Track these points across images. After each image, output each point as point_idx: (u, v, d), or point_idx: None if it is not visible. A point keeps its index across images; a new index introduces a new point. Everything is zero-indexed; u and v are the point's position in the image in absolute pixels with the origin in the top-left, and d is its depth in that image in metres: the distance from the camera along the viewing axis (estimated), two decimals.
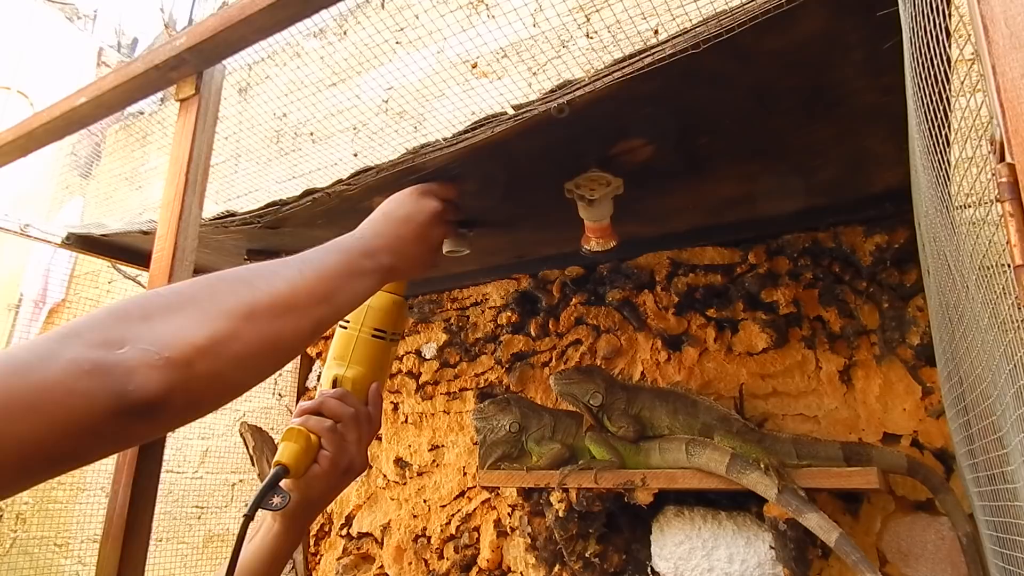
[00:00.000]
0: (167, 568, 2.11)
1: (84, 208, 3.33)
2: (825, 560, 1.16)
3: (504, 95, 1.57)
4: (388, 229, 0.71)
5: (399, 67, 2.00)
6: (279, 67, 2.55)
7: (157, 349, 0.42)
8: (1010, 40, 0.34)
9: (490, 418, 1.33)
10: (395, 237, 0.70)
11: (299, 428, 0.70)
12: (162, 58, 0.92)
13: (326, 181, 0.97)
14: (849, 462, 1.07)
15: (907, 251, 1.17)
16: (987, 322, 0.48)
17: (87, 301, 3.04)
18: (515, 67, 1.83)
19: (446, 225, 0.80)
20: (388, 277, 0.68)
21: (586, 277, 1.52)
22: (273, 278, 0.53)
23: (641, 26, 1.56)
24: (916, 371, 1.17)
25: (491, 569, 1.53)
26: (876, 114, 0.80)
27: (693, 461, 1.13)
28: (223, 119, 1.82)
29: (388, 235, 0.70)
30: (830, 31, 0.62)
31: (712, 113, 0.79)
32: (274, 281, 0.53)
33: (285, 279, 0.54)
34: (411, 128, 2.04)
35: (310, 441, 0.70)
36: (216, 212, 1.11)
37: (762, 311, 1.30)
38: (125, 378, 0.40)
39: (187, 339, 0.44)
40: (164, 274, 0.87)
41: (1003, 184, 0.34)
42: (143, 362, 0.41)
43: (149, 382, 0.41)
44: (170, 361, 0.43)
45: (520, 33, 1.82)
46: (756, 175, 1.00)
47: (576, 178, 0.87)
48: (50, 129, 1.12)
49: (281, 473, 0.67)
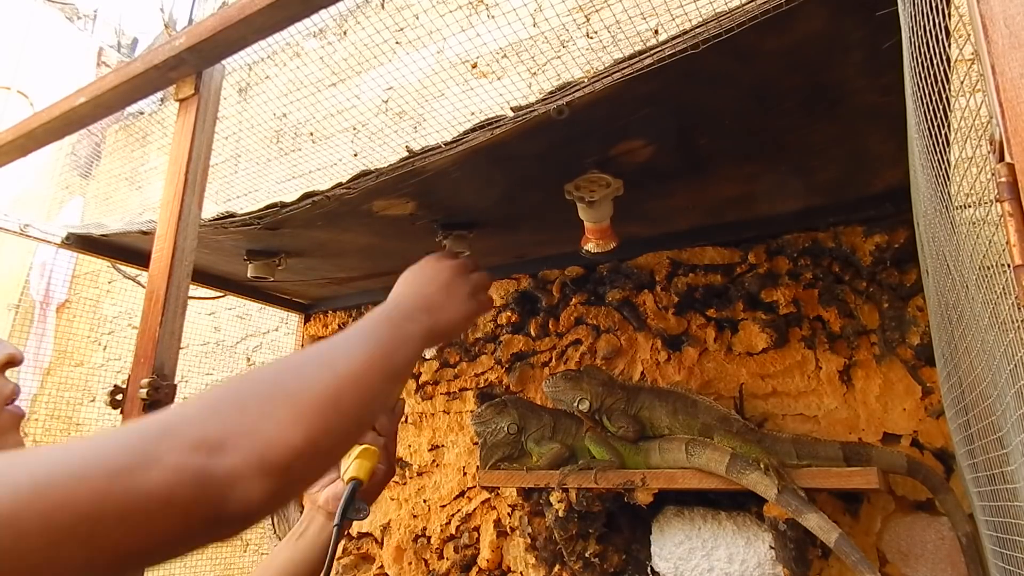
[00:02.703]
0: (167, 568, 2.10)
1: (84, 208, 3.33)
2: (825, 560, 1.16)
3: (504, 95, 1.57)
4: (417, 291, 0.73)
5: (399, 67, 2.00)
6: (279, 67, 2.55)
7: (259, 455, 0.41)
8: (1009, 40, 0.34)
9: (488, 421, 1.33)
10: (424, 297, 0.73)
11: (373, 448, 0.78)
12: (162, 58, 0.92)
13: (326, 181, 0.97)
14: (849, 462, 1.07)
15: (907, 251, 1.17)
16: (987, 322, 0.48)
17: (87, 301, 3.04)
18: (515, 67, 1.83)
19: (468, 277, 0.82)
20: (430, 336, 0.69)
21: (586, 277, 1.52)
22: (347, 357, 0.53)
23: (641, 26, 1.56)
24: (916, 371, 1.17)
25: (491, 569, 1.53)
26: (876, 114, 0.80)
27: (693, 461, 1.13)
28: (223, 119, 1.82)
29: (418, 297, 0.72)
30: (830, 31, 0.62)
31: (712, 113, 0.79)
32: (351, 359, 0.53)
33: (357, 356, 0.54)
34: (411, 128, 2.04)
35: (376, 458, 0.78)
36: (216, 212, 1.11)
37: (762, 311, 1.30)
38: (227, 490, 0.39)
39: (287, 441, 0.43)
40: (164, 274, 0.87)
41: (1003, 184, 0.34)
42: (246, 472, 0.40)
43: (249, 494, 0.40)
44: (272, 469, 0.42)
45: (520, 33, 1.82)
46: (756, 175, 1.00)
47: (576, 180, 0.87)
48: (50, 129, 1.12)
49: (357, 486, 0.75)
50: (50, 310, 3.14)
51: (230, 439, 0.41)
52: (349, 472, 0.77)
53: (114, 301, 2.90)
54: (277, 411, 0.44)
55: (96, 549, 0.36)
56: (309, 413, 0.46)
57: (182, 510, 0.38)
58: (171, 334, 0.86)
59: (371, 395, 0.53)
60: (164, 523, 0.37)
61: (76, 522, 0.35)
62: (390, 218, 1.04)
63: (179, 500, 0.37)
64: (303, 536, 0.76)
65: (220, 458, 0.40)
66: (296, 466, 0.43)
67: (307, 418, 0.45)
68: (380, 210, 1.00)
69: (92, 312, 2.99)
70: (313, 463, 0.46)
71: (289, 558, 0.74)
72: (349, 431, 0.50)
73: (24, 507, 0.35)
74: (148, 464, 0.37)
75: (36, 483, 0.36)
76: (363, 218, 1.04)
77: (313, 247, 1.25)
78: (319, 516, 0.76)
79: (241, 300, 1.87)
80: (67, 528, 0.35)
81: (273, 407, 0.45)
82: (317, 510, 0.77)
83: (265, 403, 0.45)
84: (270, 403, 0.45)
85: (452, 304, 0.75)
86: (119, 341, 2.83)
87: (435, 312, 0.71)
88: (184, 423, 0.41)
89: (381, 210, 1.00)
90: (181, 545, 0.39)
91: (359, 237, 1.18)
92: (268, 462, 0.41)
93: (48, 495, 0.35)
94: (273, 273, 1.29)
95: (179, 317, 0.88)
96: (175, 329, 0.86)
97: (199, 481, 0.38)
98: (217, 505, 0.39)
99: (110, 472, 0.37)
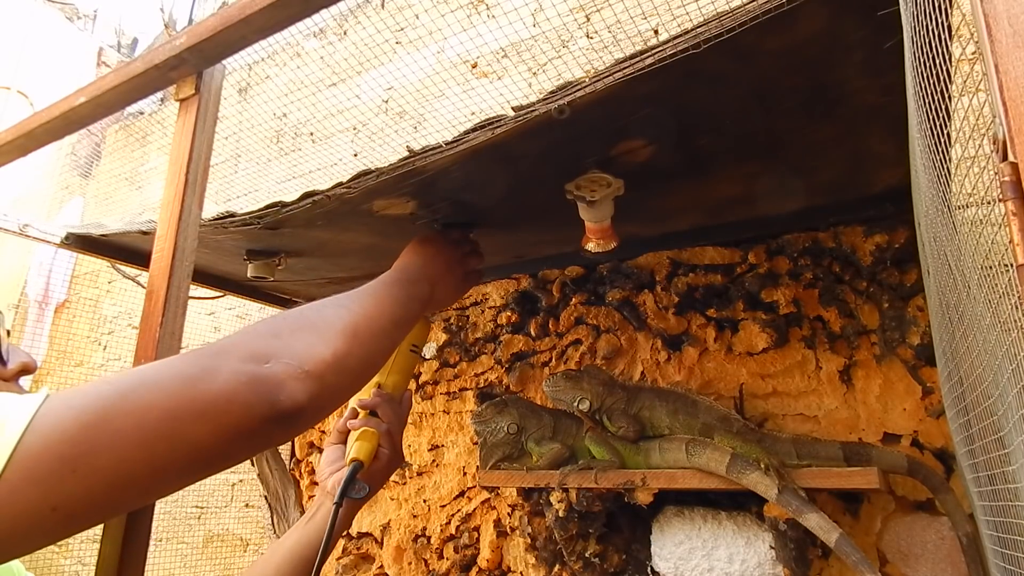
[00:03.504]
0: (167, 568, 2.11)
1: (84, 208, 3.33)
2: (825, 560, 1.16)
3: (504, 95, 1.57)
4: (423, 263, 0.82)
5: (399, 67, 1.99)
6: (279, 67, 2.55)
7: (298, 363, 0.50)
8: (1013, 39, 0.34)
9: (488, 421, 1.33)
10: (429, 268, 0.82)
11: (371, 430, 0.82)
12: (162, 58, 0.92)
13: (326, 181, 0.97)
14: (849, 462, 1.07)
15: (907, 251, 1.17)
16: (989, 322, 0.48)
17: (87, 301, 3.04)
18: (515, 67, 1.83)
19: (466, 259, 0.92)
20: (428, 304, 0.80)
21: (586, 277, 1.52)
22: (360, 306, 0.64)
23: (641, 26, 1.56)
24: (916, 371, 1.17)
25: (491, 569, 1.53)
26: (877, 114, 0.80)
27: (693, 461, 1.13)
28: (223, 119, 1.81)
29: (424, 267, 0.82)
30: (831, 31, 0.62)
31: (713, 113, 0.79)
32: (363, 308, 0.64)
33: (368, 307, 0.65)
34: (411, 128, 2.04)
35: (376, 440, 0.82)
36: (216, 212, 1.11)
37: (762, 311, 1.30)
38: (277, 389, 0.47)
39: (318, 356, 0.52)
40: (164, 274, 0.87)
41: (1006, 183, 0.34)
42: (289, 375, 0.49)
43: (296, 392, 0.48)
44: (309, 374, 0.50)
45: (520, 33, 1.82)
46: (756, 175, 1.00)
47: (576, 179, 0.87)
48: (50, 129, 1.11)
49: (358, 467, 0.80)
50: (48, 310, 3.14)
51: (273, 354, 0.49)
52: (351, 454, 0.81)
53: (114, 301, 2.90)
54: (306, 336, 0.54)
55: (180, 443, 0.43)
56: (331, 337, 0.55)
57: (244, 406, 0.45)
58: (171, 334, 0.85)
59: (381, 333, 0.64)
60: (231, 418, 0.45)
61: (161, 420, 0.43)
62: (390, 218, 1.04)
63: (240, 398, 0.45)
64: (311, 520, 0.80)
65: (268, 366, 0.48)
66: (328, 376, 0.52)
67: (331, 341, 0.55)
68: (380, 209, 1.00)
69: (92, 312, 2.99)
70: (342, 376, 0.55)
71: (297, 540, 0.78)
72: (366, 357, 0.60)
73: (116, 411, 0.42)
74: (212, 374, 0.46)
75: (123, 392, 0.43)
76: (363, 218, 1.04)
77: (313, 247, 1.25)
78: (327, 501, 0.80)
79: (241, 300, 1.87)
80: (154, 425, 0.42)
81: (303, 333, 0.54)
82: (326, 496, 0.81)
83: (296, 331, 0.54)
84: (300, 331, 0.54)
85: (450, 279, 0.86)
86: (119, 341, 2.83)
87: (436, 283, 0.81)
88: (233, 346, 0.49)
89: (381, 209, 1.00)
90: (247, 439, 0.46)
91: (359, 237, 1.18)
92: (305, 369, 0.50)
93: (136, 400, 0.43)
94: (273, 273, 1.28)
95: (179, 317, 0.87)
96: (175, 329, 0.86)
97: (254, 382, 0.46)
98: (271, 402, 0.46)
99: (184, 381, 0.45)
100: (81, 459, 0.40)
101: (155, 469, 0.42)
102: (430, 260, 0.84)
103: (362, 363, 0.59)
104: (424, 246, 0.86)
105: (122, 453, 0.41)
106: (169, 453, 0.43)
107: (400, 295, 0.72)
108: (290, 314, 0.58)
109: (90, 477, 0.40)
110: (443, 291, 0.85)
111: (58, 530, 0.40)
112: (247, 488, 2.19)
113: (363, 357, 0.59)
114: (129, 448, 0.41)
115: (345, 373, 0.55)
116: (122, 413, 0.42)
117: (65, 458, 0.39)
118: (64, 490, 0.39)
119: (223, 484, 2.26)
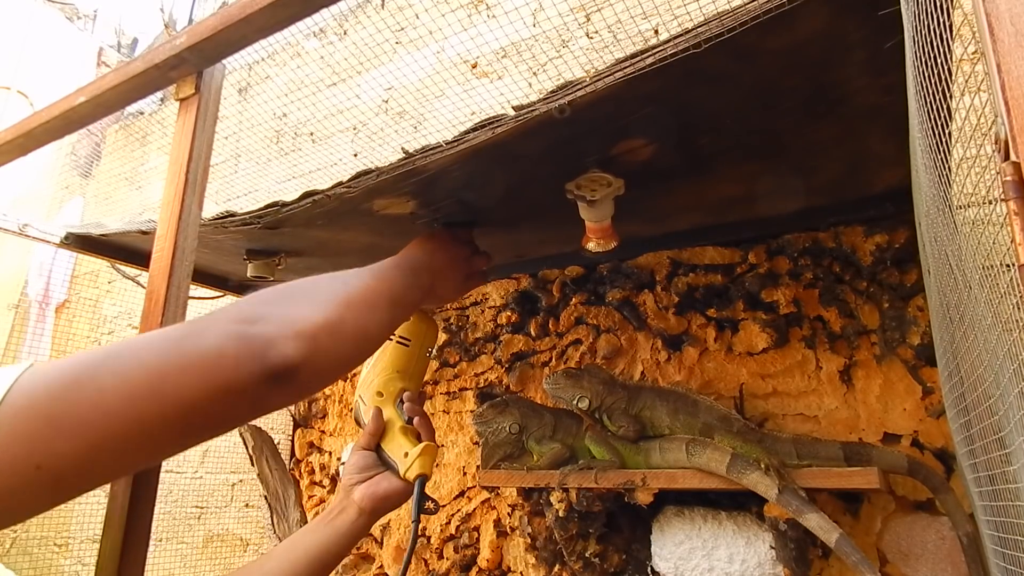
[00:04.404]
0: (167, 568, 2.10)
1: (84, 208, 3.33)
2: (825, 560, 1.16)
3: (504, 95, 1.57)
4: (428, 258, 0.83)
5: (399, 67, 1.99)
6: (279, 67, 2.55)
7: (289, 324, 0.50)
8: (1015, 38, 0.34)
9: (489, 421, 1.33)
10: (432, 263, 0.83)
11: (432, 445, 0.86)
12: (162, 57, 0.92)
13: (326, 181, 0.97)
14: (849, 462, 1.07)
15: (907, 251, 1.17)
16: (989, 322, 0.48)
17: (87, 301, 3.03)
18: (515, 67, 1.83)
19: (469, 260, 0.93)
20: (428, 295, 0.80)
21: (586, 277, 1.52)
22: (358, 280, 0.64)
23: (642, 25, 1.56)
24: (916, 371, 1.17)
25: (491, 569, 1.53)
26: (877, 114, 0.80)
27: (693, 461, 1.13)
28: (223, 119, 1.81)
29: (427, 261, 0.82)
30: (832, 30, 0.62)
31: (713, 113, 0.79)
32: (361, 282, 0.64)
33: (367, 281, 0.65)
34: (411, 128, 2.04)
35: (435, 453, 0.86)
36: (216, 212, 1.11)
37: (762, 311, 1.30)
38: (266, 345, 0.47)
39: (310, 319, 0.53)
40: (164, 274, 0.87)
41: (1008, 183, 0.34)
42: (279, 334, 0.49)
43: (286, 350, 0.48)
44: (300, 334, 0.50)
45: (520, 33, 1.81)
46: (757, 175, 1.00)
47: (577, 179, 0.87)
48: (49, 129, 1.11)
49: (425, 481, 0.83)
50: (49, 310, 3.14)
51: (263, 316, 0.50)
52: (413, 470, 0.83)
53: (114, 301, 2.90)
54: (298, 301, 0.55)
55: (168, 400, 0.43)
56: (323, 304, 0.56)
57: (233, 360, 0.45)
58: None
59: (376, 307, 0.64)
60: (219, 373, 0.45)
61: (147, 376, 0.43)
62: (390, 217, 1.04)
63: (229, 352, 0.45)
64: (332, 524, 0.79)
65: (257, 326, 0.48)
66: (321, 337, 0.52)
67: (322, 306, 0.55)
68: (380, 209, 1.00)
69: (92, 312, 2.98)
70: (337, 341, 0.55)
71: (317, 543, 0.77)
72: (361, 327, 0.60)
73: (101, 369, 0.42)
74: (200, 333, 0.46)
75: (108, 353, 0.44)
76: (363, 217, 1.04)
77: (313, 246, 1.25)
78: (351, 508, 0.80)
79: None
80: (139, 381, 0.42)
81: (295, 299, 0.55)
82: (351, 503, 0.81)
83: (287, 298, 0.55)
84: (291, 298, 0.55)
85: (453, 275, 0.88)
86: None
87: (437, 278, 0.82)
88: (222, 311, 0.50)
89: (381, 209, 1.00)
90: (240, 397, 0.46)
91: (359, 236, 1.18)
92: (296, 329, 0.50)
93: (121, 359, 0.43)
94: (273, 273, 1.28)
95: (179, 317, 0.87)
96: None
97: (242, 339, 0.47)
98: (260, 358, 0.47)
99: (171, 340, 0.46)
100: (65, 416, 0.40)
101: (142, 429, 0.42)
102: (434, 253, 0.85)
103: (357, 332, 0.59)
104: (431, 240, 0.88)
105: (107, 408, 0.41)
106: (157, 409, 0.42)
107: (399, 279, 0.72)
108: (282, 286, 0.58)
109: (75, 435, 0.40)
110: (444, 286, 0.85)
111: (45, 492, 0.41)
112: (247, 488, 2.19)
113: (357, 327, 0.59)
114: (114, 404, 0.41)
115: (340, 338, 0.55)
116: (107, 371, 0.42)
117: (50, 415, 0.39)
118: (49, 448, 0.39)
119: (223, 484, 2.26)
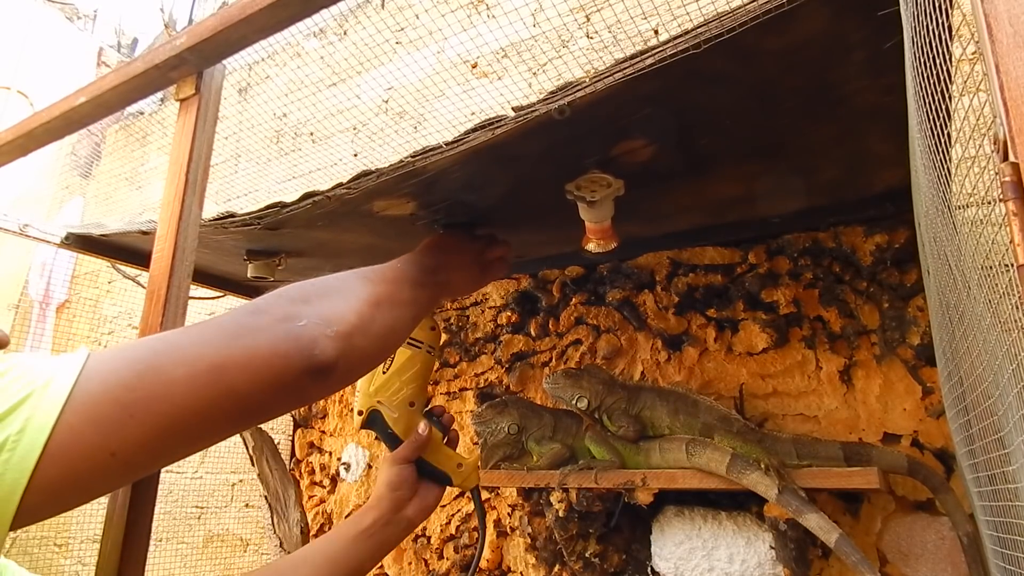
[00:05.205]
0: (167, 568, 2.10)
1: (84, 208, 3.33)
2: (825, 560, 1.16)
3: (504, 95, 1.57)
4: (440, 255, 0.85)
5: (399, 67, 1.99)
6: (279, 67, 2.55)
7: (328, 323, 0.54)
8: (1014, 38, 0.34)
9: (489, 421, 1.33)
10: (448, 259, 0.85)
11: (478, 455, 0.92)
12: (162, 58, 0.92)
13: (326, 181, 0.97)
14: (849, 462, 1.07)
15: (907, 251, 1.17)
16: (989, 322, 0.48)
17: (87, 301, 3.03)
18: (515, 67, 1.83)
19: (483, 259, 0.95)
20: (443, 293, 0.83)
21: (586, 277, 1.52)
22: (381, 278, 0.67)
23: (642, 26, 1.56)
24: (916, 371, 1.17)
25: (491, 569, 1.53)
26: (877, 114, 0.80)
27: (693, 461, 1.13)
28: (223, 119, 1.81)
29: (442, 259, 0.84)
30: (831, 31, 0.62)
31: (713, 113, 0.79)
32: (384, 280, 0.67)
33: (390, 279, 0.69)
34: (411, 128, 2.04)
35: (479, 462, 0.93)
36: (216, 212, 1.11)
37: (762, 311, 1.30)
38: (312, 344, 0.51)
39: (345, 318, 0.56)
40: (164, 274, 0.87)
41: (1006, 183, 0.34)
42: (322, 333, 0.52)
43: (328, 349, 0.52)
44: (339, 334, 0.54)
45: (520, 33, 1.81)
46: (757, 175, 1.00)
47: (577, 179, 0.87)
48: (50, 129, 1.11)
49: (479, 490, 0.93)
50: (50, 310, 3.14)
51: (304, 315, 0.53)
52: (472, 480, 0.88)
53: (114, 301, 2.90)
54: (333, 301, 0.58)
55: (226, 392, 0.46)
56: (355, 304, 0.59)
57: (284, 358, 0.49)
58: None
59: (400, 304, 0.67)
60: (273, 370, 0.48)
61: (210, 370, 0.45)
62: (391, 218, 1.04)
63: (281, 351, 0.49)
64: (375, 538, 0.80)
65: (303, 325, 0.52)
66: (355, 337, 0.56)
67: (356, 307, 0.59)
68: (381, 210, 1.00)
69: (92, 312, 2.99)
70: (368, 341, 0.59)
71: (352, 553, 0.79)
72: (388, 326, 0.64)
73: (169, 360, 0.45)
74: (254, 330, 0.49)
75: (172, 345, 0.47)
76: (364, 218, 1.04)
77: (313, 247, 1.25)
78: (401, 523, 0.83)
79: (241, 300, 1.87)
80: (203, 375, 0.45)
81: (330, 299, 0.58)
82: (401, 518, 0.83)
83: (323, 297, 0.58)
84: (327, 297, 0.58)
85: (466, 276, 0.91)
86: (119, 341, 2.83)
87: (452, 275, 0.85)
88: (268, 307, 0.53)
89: (382, 210, 1.00)
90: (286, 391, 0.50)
91: (360, 237, 1.18)
92: (334, 329, 0.54)
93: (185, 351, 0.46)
94: (273, 273, 1.28)
95: (179, 317, 0.87)
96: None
97: (292, 338, 0.50)
98: (308, 356, 0.50)
99: (228, 335, 0.48)
100: (139, 404, 0.41)
101: (204, 417, 0.45)
102: (448, 248, 0.87)
103: (385, 331, 0.63)
104: (444, 236, 0.91)
105: (175, 400, 0.43)
106: (217, 401, 0.45)
107: (418, 277, 0.75)
108: (316, 281, 0.61)
109: (146, 422, 0.41)
110: (455, 285, 0.88)
111: (114, 478, 0.43)
112: (247, 488, 2.19)
113: (384, 326, 0.62)
114: (181, 395, 0.43)
115: (371, 338, 0.59)
116: (173, 363, 0.44)
117: (124, 403, 0.41)
118: (123, 435, 0.40)
119: (223, 484, 2.26)
